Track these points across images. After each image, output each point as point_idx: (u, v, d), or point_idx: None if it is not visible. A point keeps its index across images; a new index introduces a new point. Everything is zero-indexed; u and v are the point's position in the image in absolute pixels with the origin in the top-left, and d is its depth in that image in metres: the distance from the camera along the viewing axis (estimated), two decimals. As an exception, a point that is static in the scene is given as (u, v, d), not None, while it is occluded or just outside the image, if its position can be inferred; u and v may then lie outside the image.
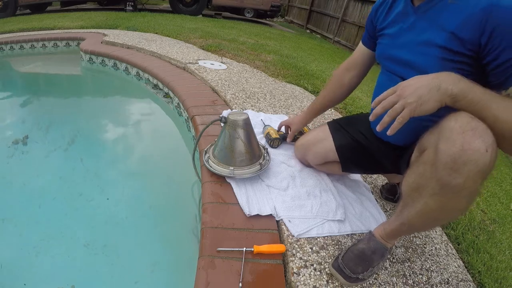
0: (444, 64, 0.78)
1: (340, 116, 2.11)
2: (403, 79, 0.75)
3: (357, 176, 1.39)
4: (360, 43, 1.15)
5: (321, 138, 1.21)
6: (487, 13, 0.69)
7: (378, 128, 0.72)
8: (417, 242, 1.11)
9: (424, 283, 0.95)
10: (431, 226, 0.83)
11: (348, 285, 0.87)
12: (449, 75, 0.68)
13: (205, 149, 1.31)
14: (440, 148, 0.66)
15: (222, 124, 1.21)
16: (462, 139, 0.63)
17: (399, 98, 0.69)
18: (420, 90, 0.68)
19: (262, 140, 1.48)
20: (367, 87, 3.13)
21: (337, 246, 1.00)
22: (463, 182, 0.64)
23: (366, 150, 1.10)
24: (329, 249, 0.98)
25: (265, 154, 1.30)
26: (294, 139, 1.41)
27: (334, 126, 1.21)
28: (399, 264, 0.99)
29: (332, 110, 2.15)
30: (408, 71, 0.88)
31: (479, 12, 0.70)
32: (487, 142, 0.62)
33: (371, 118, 0.75)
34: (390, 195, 1.30)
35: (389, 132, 0.70)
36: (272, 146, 1.44)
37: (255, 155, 1.23)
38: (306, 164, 1.34)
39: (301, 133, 1.42)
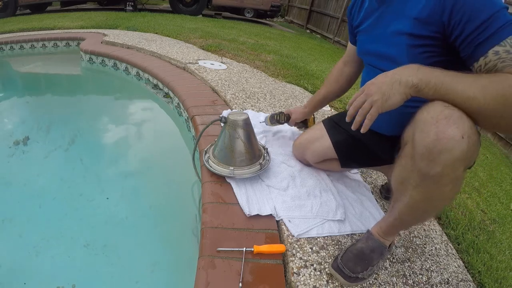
0: (414, 50, 0.79)
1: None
2: (384, 71, 0.76)
3: (357, 176, 1.39)
4: (349, 43, 1.21)
5: (318, 137, 1.23)
6: None
7: (353, 127, 0.76)
8: (417, 242, 1.11)
9: (424, 283, 0.95)
10: (422, 218, 0.84)
11: (348, 285, 0.87)
12: (407, 67, 0.70)
13: (205, 149, 1.31)
14: (415, 140, 0.67)
15: (222, 124, 1.21)
16: (436, 129, 0.63)
17: (367, 97, 0.73)
18: (383, 87, 0.70)
19: (262, 140, 1.48)
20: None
21: (337, 246, 1.00)
22: (441, 171, 0.65)
23: (361, 143, 1.12)
24: (329, 249, 0.98)
25: (265, 154, 1.30)
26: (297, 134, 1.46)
27: (329, 123, 1.24)
28: (399, 264, 0.99)
29: (333, 110, 2.15)
30: (386, 63, 0.90)
31: None
32: (462, 128, 0.62)
33: (347, 119, 0.78)
34: (389, 193, 1.30)
35: (362, 130, 0.73)
36: (279, 122, 1.45)
37: (255, 155, 1.23)
38: (305, 163, 1.35)
39: (305, 124, 1.47)
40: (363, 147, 1.12)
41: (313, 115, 1.48)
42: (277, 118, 1.46)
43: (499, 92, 0.61)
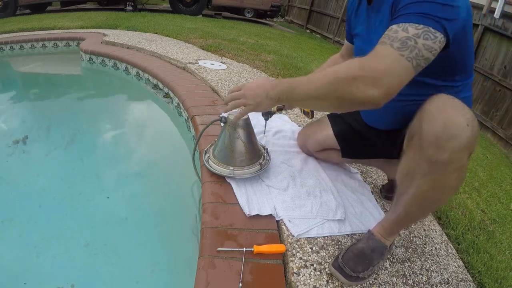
0: None
1: None
2: None
3: (357, 176, 1.39)
4: (345, 40, 1.25)
5: (321, 126, 1.31)
6: None
7: (224, 110, 1.00)
8: (417, 242, 1.11)
9: (424, 283, 0.95)
10: (427, 209, 0.86)
11: (348, 284, 0.87)
12: (271, 83, 0.88)
13: (205, 149, 1.31)
14: (423, 130, 0.71)
15: (222, 124, 1.21)
16: (443, 117, 0.67)
17: (243, 96, 0.92)
18: (257, 98, 0.89)
19: (262, 140, 1.48)
20: None
21: (337, 246, 1.00)
22: (449, 157, 0.67)
23: (362, 135, 1.16)
24: (329, 249, 0.98)
25: (265, 154, 1.30)
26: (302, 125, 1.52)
27: (332, 114, 1.31)
28: (399, 264, 0.99)
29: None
30: None
31: None
32: (467, 117, 0.66)
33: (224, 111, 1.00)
34: (389, 193, 1.31)
35: (233, 120, 1.00)
36: (271, 113, 1.38)
37: (255, 155, 1.23)
38: (306, 151, 1.42)
39: (308, 113, 1.44)
40: (363, 138, 1.15)
41: None
42: (265, 114, 1.39)
43: (327, 81, 0.73)
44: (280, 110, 1.40)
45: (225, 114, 1.27)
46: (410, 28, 0.67)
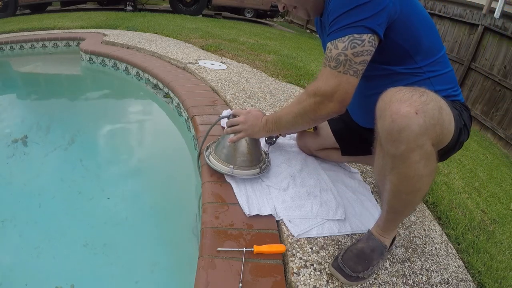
0: None
1: None
2: None
3: (357, 176, 1.39)
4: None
5: (320, 126, 1.33)
6: None
7: (224, 131, 1.19)
8: (417, 242, 1.11)
9: (424, 283, 0.95)
10: (409, 202, 0.83)
11: (348, 284, 0.87)
12: (264, 116, 1.11)
13: (208, 145, 1.31)
14: (378, 127, 0.74)
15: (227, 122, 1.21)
16: (390, 111, 0.68)
17: (242, 125, 1.13)
18: (254, 128, 1.12)
19: (262, 141, 1.48)
20: None
21: (337, 246, 1.00)
22: (407, 148, 0.69)
23: (358, 133, 1.18)
24: (329, 249, 0.98)
25: (266, 159, 1.30)
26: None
27: None
28: (399, 264, 0.99)
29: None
30: None
31: None
32: (414, 105, 0.66)
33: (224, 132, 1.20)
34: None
35: (232, 140, 1.14)
36: (272, 140, 1.40)
37: (256, 158, 1.22)
38: (307, 151, 1.42)
39: None
40: (359, 136, 1.18)
41: None
42: (268, 140, 1.40)
43: (298, 111, 0.94)
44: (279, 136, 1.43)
45: (226, 113, 1.28)
46: (339, 44, 0.79)
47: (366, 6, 0.74)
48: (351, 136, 1.22)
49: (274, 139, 1.40)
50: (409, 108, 0.66)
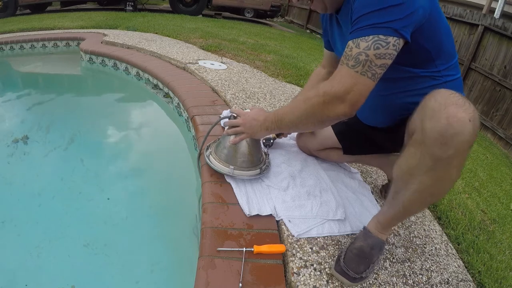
0: None
1: None
2: None
3: (357, 176, 1.39)
4: (324, 49, 1.27)
5: None
6: None
7: (224, 132, 1.17)
8: (417, 242, 1.11)
9: (424, 283, 0.95)
10: (427, 204, 0.90)
11: (351, 285, 0.87)
12: (264, 115, 1.06)
13: (208, 145, 1.31)
14: (426, 127, 0.71)
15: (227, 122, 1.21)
16: (446, 114, 0.67)
17: (242, 126, 1.11)
18: (254, 128, 1.08)
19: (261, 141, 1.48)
20: None
21: (337, 246, 1.00)
22: (454, 153, 0.69)
23: (361, 132, 1.17)
24: (329, 249, 0.98)
25: (266, 160, 1.30)
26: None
27: None
28: (399, 264, 0.99)
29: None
30: None
31: None
32: (469, 113, 0.67)
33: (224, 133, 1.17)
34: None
35: (233, 141, 1.13)
36: (270, 143, 1.42)
37: (257, 159, 1.22)
38: (306, 151, 1.42)
39: None
40: (362, 135, 1.17)
41: None
42: (266, 142, 1.41)
43: (304, 109, 0.88)
44: (279, 136, 1.43)
45: (226, 113, 1.28)
46: (361, 43, 0.75)
47: (397, 7, 0.71)
48: (354, 136, 1.21)
49: (271, 141, 1.40)
50: (465, 114, 0.66)
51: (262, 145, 1.39)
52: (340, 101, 0.79)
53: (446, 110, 0.67)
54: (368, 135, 1.15)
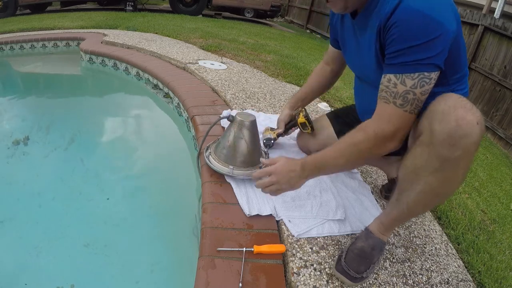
0: (380, 64, 0.86)
1: (324, 102, 2.23)
2: (370, 84, 0.94)
3: (357, 176, 1.39)
4: (330, 45, 1.25)
5: (321, 127, 1.31)
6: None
7: (263, 190, 0.95)
8: (417, 242, 1.11)
9: (424, 283, 0.95)
10: (432, 205, 0.89)
11: (352, 285, 0.87)
12: (299, 164, 0.91)
13: (208, 146, 1.31)
14: (435, 129, 0.72)
15: (227, 123, 1.21)
16: (455, 116, 0.69)
17: (275, 183, 0.91)
18: (291, 180, 0.91)
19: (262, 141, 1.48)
20: (348, 77, 3.11)
21: (337, 246, 1.00)
22: (462, 154, 0.71)
23: None
24: (329, 249, 0.98)
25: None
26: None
27: (333, 114, 1.33)
28: (399, 264, 0.99)
29: (332, 109, 2.15)
30: (369, 80, 0.97)
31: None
32: (476, 116, 0.69)
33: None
34: (389, 192, 1.30)
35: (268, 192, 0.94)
36: (271, 143, 1.40)
37: (256, 158, 1.22)
38: (306, 152, 1.42)
39: (304, 126, 1.37)
40: None
41: (303, 111, 1.35)
42: (267, 142, 1.39)
43: (352, 153, 0.85)
44: (280, 136, 1.42)
45: (232, 113, 1.27)
46: (407, 80, 0.75)
47: (437, 40, 0.71)
48: None
49: (272, 141, 1.40)
50: (473, 117, 0.68)
51: (263, 145, 1.39)
52: (389, 140, 0.81)
53: (456, 113, 0.69)
54: None
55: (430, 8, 0.70)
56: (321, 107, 2.13)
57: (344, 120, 1.26)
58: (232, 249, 0.92)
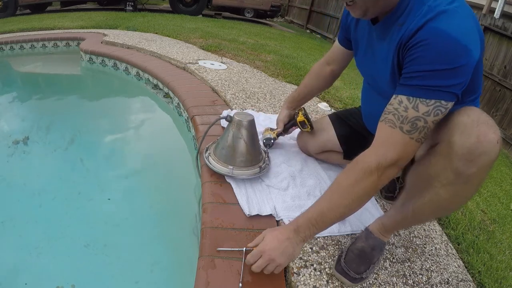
0: (394, 78, 0.82)
1: (324, 102, 2.23)
2: (379, 93, 0.92)
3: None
4: (337, 41, 1.17)
5: (322, 128, 1.30)
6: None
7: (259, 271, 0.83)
8: (417, 242, 1.11)
9: (424, 283, 0.95)
10: (438, 215, 0.90)
11: (352, 286, 0.87)
12: (289, 229, 0.82)
13: (207, 146, 1.31)
14: (455, 141, 0.69)
15: (227, 123, 1.21)
16: (477, 132, 0.66)
17: (269, 261, 0.80)
18: (286, 252, 0.80)
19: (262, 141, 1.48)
20: (348, 77, 3.11)
21: (337, 246, 1.00)
22: (477, 171, 0.68)
23: (365, 139, 1.12)
24: (329, 249, 0.98)
25: (265, 158, 1.30)
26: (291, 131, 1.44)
27: (335, 116, 1.30)
28: (399, 264, 0.99)
29: (332, 110, 2.15)
30: (380, 90, 0.94)
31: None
32: (497, 134, 0.67)
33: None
34: (389, 193, 1.31)
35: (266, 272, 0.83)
36: (271, 142, 1.40)
37: (256, 157, 1.22)
38: (306, 152, 1.41)
39: (303, 125, 1.35)
40: (366, 142, 1.13)
41: (302, 109, 1.34)
42: (266, 142, 1.39)
43: (355, 195, 0.76)
44: (280, 135, 1.41)
45: (231, 113, 1.27)
46: (421, 106, 0.69)
47: (463, 68, 0.66)
48: (357, 142, 1.17)
49: (272, 141, 1.39)
50: (494, 135, 0.66)
51: (262, 145, 1.39)
52: (392, 168, 0.74)
53: (478, 128, 0.67)
54: (371, 141, 1.13)
55: (459, 32, 0.64)
56: (321, 107, 2.13)
57: (345, 122, 1.26)
58: (232, 249, 0.92)
